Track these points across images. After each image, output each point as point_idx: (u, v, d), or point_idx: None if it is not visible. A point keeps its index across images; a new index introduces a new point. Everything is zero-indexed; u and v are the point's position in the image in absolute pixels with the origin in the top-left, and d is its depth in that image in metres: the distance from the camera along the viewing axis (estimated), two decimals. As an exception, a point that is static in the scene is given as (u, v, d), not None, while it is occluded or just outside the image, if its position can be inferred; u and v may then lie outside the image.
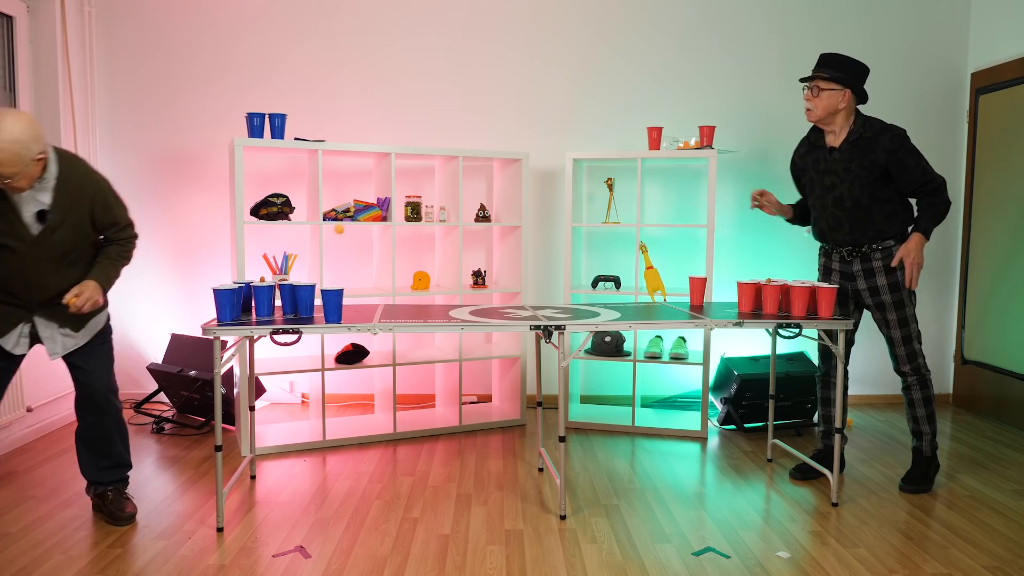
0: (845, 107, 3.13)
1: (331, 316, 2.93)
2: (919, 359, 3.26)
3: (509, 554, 2.67)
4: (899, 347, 3.25)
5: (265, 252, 4.62)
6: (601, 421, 4.28)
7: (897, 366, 3.29)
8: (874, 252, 3.20)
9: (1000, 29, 4.50)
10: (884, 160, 3.09)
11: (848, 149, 3.16)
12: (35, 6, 4.15)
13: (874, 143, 3.10)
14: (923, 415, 3.30)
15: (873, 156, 3.10)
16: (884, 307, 3.23)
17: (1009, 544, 2.79)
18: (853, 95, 3.13)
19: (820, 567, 2.59)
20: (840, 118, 3.16)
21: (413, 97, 4.66)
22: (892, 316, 3.22)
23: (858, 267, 3.25)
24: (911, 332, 3.23)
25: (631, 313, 3.28)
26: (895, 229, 3.18)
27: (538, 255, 4.76)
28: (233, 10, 4.57)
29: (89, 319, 2.87)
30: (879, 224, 3.17)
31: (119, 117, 4.59)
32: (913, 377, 3.27)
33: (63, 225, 2.69)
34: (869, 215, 3.16)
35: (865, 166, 3.11)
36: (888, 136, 3.09)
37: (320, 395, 3.93)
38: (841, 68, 3.10)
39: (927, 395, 3.28)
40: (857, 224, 3.19)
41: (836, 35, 4.70)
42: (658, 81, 4.70)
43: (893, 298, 3.20)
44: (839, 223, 3.23)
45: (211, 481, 3.36)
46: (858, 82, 3.12)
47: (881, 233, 3.18)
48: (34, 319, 2.78)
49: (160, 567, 2.54)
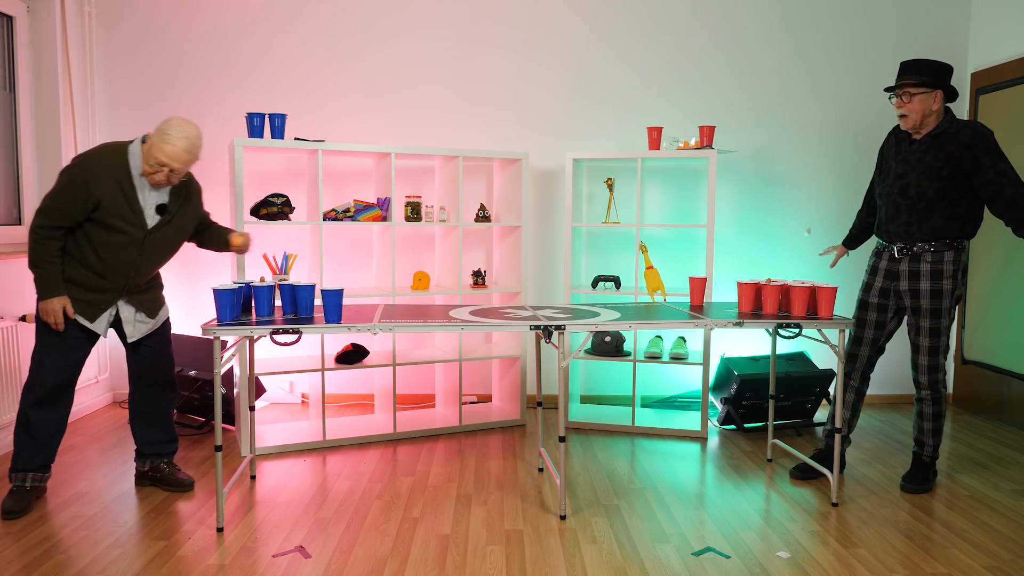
0: (938, 107, 3.09)
1: (331, 316, 2.93)
2: (939, 373, 3.21)
3: (509, 554, 2.67)
4: (923, 356, 3.20)
5: (265, 252, 4.62)
6: (601, 421, 4.28)
7: (916, 375, 3.25)
8: (924, 253, 3.14)
9: (1000, 29, 4.50)
10: (960, 153, 3.02)
11: (929, 141, 3.11)
12: (35, 6, 4.15)
13: (955, 137, 3.05)
14: (929, 428, 3.29)
15: (950, 148, 3.04)
16: (920, 312, 3.18)
17: (1009, 544, 2.79)
18: (943, 94, 3.08)
19: (820, 567, 2.59)
20: (933, 119, 3.11)
21: (413, 97, 4.66)
22: (926, 323, 3.17)
23: (905, 266, 3.19)
24: (939, 344, 3.17)
25: (631, 313, 3.28)
26: (952, 232, 3.10)
27: (538, 255, 4.76)
28: (233, 10, 4.57)
29: (160, 307, 3.19)
30: (937, 221, 3.09)
31: (119, 117, 4.59)
32: (927, 391, 3.24)
33: (174, 220, 3.03)
34: (931, 209, 3.09)
35: (940, 158, 3.05)
36: (970, 131, 3.03)
37: (320, 395, 3.93)
38: (925, 71, 3.06)
39: (938, 411, 3.26)
40: (915, 215, 3.12)
41: (836, 35, 4.71)
42: (658, 81, 4.70)
43: (932, 305, 3.14)
44: (899, 212, 3.17)
45: (211, 481, 3.36)
46: (945, 81, 3.06)
47: (936, 232, 3.10)
48: (118, 304, 3.05)
49: (160, 567, 2.54)
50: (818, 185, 4.75)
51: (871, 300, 3.32)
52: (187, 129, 2.85)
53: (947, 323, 3.16)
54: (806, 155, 4.74)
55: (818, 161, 4.74)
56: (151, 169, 2.86)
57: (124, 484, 3.31)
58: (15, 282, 3.80)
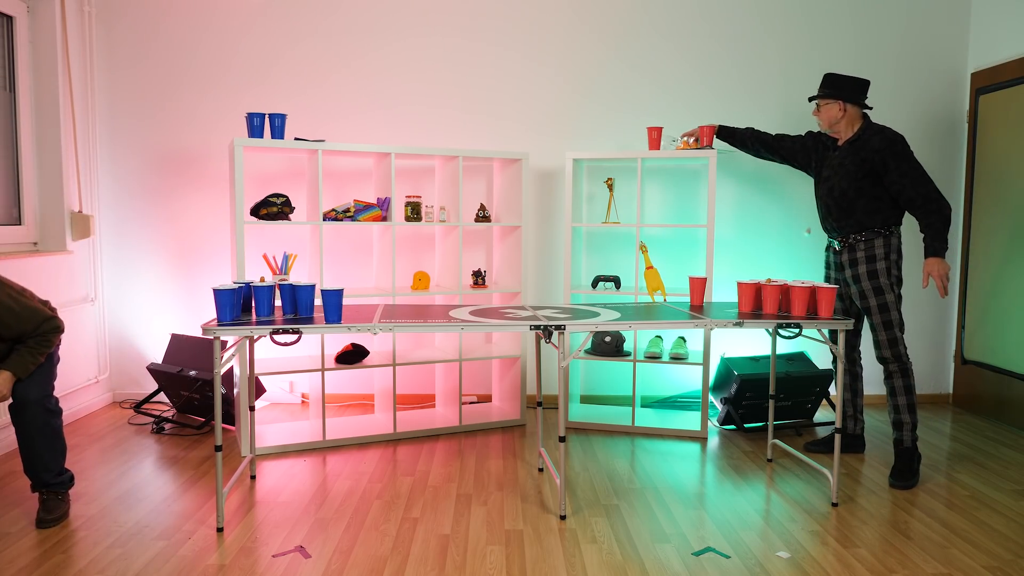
0: (844, 116, 3.52)
1: (331, 316, 2.93)
2: (900, 347, 3.44)
3: (509, 554, 2.67)
4: (880, 332, 3.46)
5: (265, 252, 4.63)
6: (601, 421, 4.28)
7: (879, 352, 3.47)
8: (858, 243, 3.52)
9: (1000, 29, 4.50)
10: (871, 158, 3.42)
11: (847, 148, 3.53)
12: (35, 6, 4.15)
13: (867, 143, 3.45)
14: (904, 403, 3.45)
15: (864, 154, 3.45)
16: (865, 294, 3.48)
17: (1009, 544, 2.79)
18: (851, 105, 3.50)
19: (820, 567, 2.59)
20: (843, 125, 3.55)
21: (413, 97, 4.66)
22: (872, 302, 3.46)
23: (845, 256, 3.56)
24: (892, 319, 3.44)
25: (631, 313, 3.28)
26: (876, 223, 3.48)
27: (538, 255, 4.76)
28: (233, 10, 4.57)
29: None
30: (860, 216, 3.49)
31: (119, 117, 4.59)
32: (895, 364, 3.45)
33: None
34: (853, 207, 3.50)
35: (856, 162, 3.46)
36: (879, 137, 3.42)
37: (320, 395, 3.93)
38: (833, 85, 3.52)
39: (908, 384, 3.45)
40: (842, 213, 3.53)
41: (835, 35, 4.71)
42: (658, 82, 4.69)
43: (872, 284, 3.46)
44: (829, 211, 3.60)
45: (211, 481, 3.36)
46: (853, 94, 3.49)
47: (862, 225, 3.50)
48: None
49: (160, 567, 2.54)
50: (818, 185, 4.75)
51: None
52: None
53: (892, 299, 3.45)
54: (806, 155, 4.74)
55: (818, 161, 4.74)
56: None
57: (124, 484, 3.31)
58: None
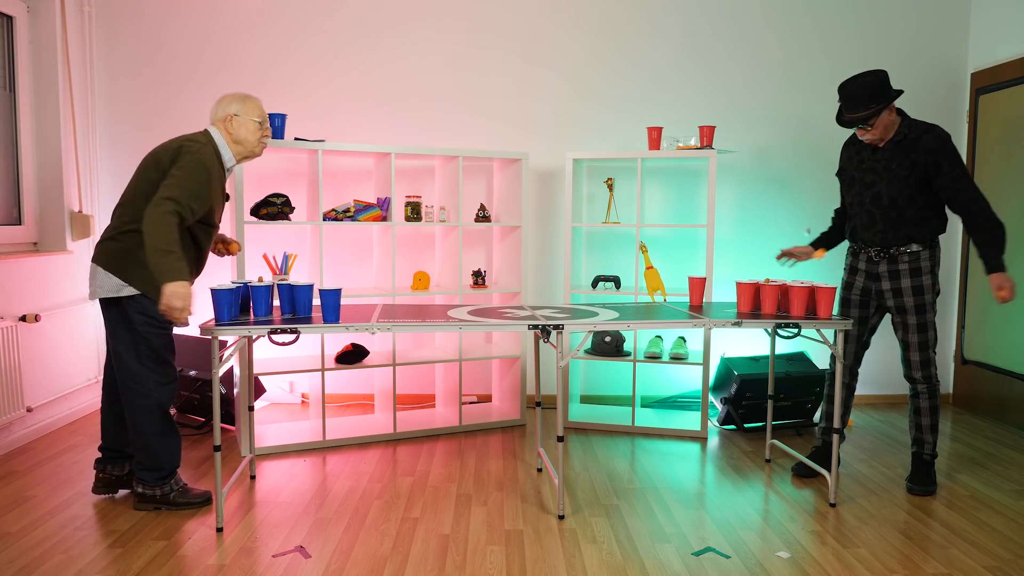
0: (895, 115, 3.16)
1: (329, 316, 2.93)
2: (932, 368, 3.26)
3: (509, 554, 2.67)
4: (914, 352, 3.25)
5: (265, 252, 4.62)
6: (601, 421, 4.28)
7: (909, 372, 3.29)
8: (901, 255, 3.21)
9: (1000, 29, 4.50)
10: (923, 159, 3.09)
11: (892, 149, 3.17)
12: (35, 6, 4.15)
13: (916, 143, 3.11)
14: (927, 424, 3.30)
15: (914, 155, 3.11)
16: (905, 310, 3.24)
17: (1009, 544, 2.79)
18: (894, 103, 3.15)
19: (820, 567, 2.59)
20: (893, 129, 3.17)
21: (413, 97, 4.66)
22: (912, 320, 3.23)
23: (884, 268, 3.25)
24: (928, 339, 3.24)
25: (631, 313, 3.28)
26: (925, 235, 3.19)
27: (538, 255, 4.76)
28: (234, 10, 4.57)
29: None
30: (910, 227, 3.18)
31: (119, 117, 4.59)
32: (924, 385, 3.27)
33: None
34: (903, 216, 3.17)
35: (906, 166, 3.12)
36: (931, 136, 3.10)
37: (320, 395, 3.93)
38: (875, 96, 3.07)
39: (934, 405, 3.29)
40: (890, 224, 3.20)
41: (836, 35, 4.70)
42: (658, 82, 4.69)
43: (916, 301, 3.21)
44: (873, 221, 3.24)
45: (211, 481, 3.36)
46: (890, 91, 3.10)
47: (911, 236, 3.19)
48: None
49: (160, 567, 2.54)
50: (817, 185, 4.75)
51: (853, 297, 3.38)
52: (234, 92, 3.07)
53: (932, 317, 3.23)
54: (806, 155, 4.74)
55: (817, 161, 4.74)
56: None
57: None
58: (15, 282, 3.80)
